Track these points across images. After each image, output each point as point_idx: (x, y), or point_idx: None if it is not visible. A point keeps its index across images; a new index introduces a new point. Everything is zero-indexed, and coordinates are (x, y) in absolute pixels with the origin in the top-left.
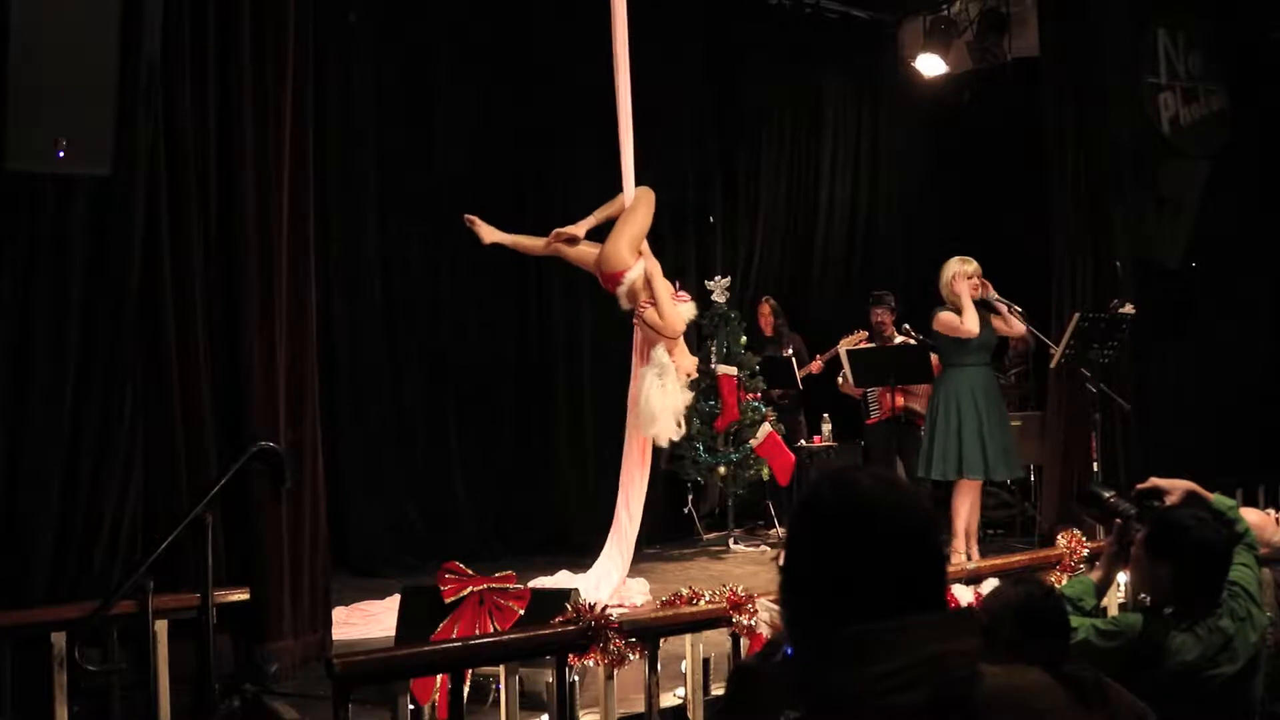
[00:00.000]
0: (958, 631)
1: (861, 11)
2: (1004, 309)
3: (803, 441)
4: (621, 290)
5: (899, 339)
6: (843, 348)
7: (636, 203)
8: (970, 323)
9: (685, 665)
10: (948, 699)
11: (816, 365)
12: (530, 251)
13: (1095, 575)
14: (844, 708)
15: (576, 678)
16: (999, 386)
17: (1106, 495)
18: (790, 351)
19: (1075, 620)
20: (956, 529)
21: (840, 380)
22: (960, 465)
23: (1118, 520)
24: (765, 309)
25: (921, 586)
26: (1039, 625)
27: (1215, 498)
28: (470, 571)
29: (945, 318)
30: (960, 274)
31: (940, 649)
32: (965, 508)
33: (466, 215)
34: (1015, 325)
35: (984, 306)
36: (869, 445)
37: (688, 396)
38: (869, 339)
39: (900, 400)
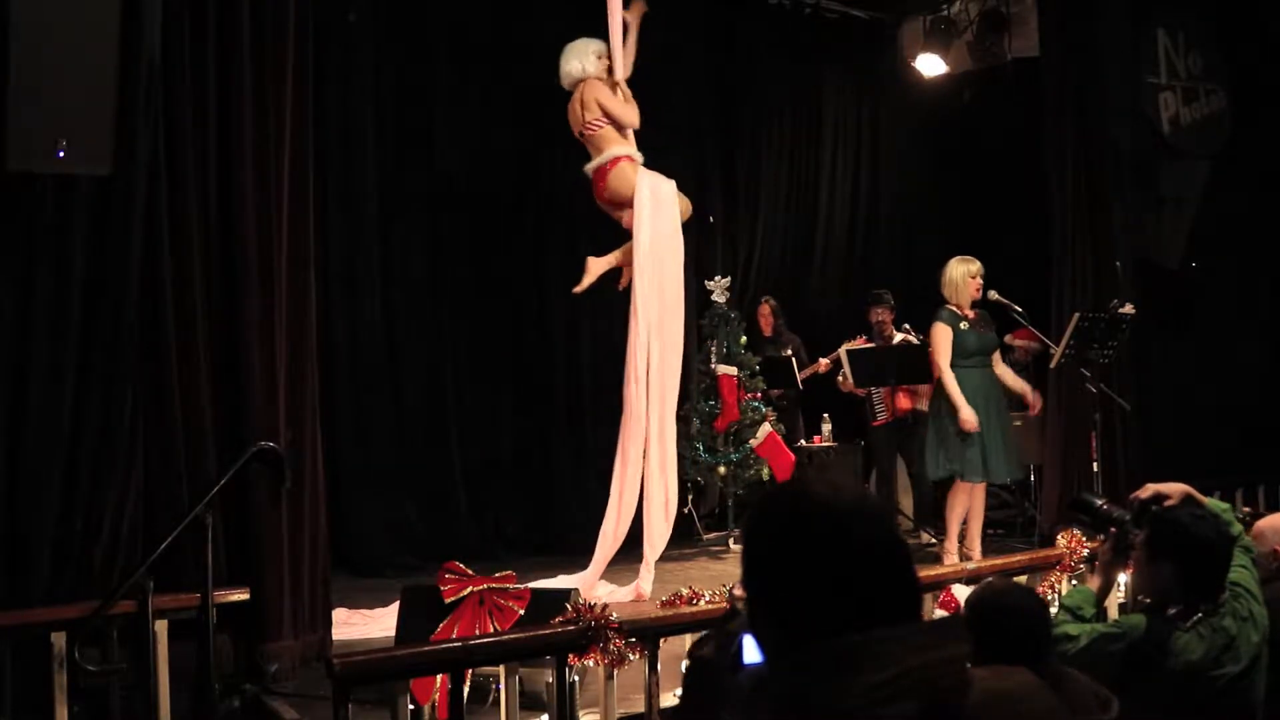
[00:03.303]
0: (946, 639)
1: (861, 11)
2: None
3: (802, 441)
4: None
5: (899, 338)
6: (844, 349)
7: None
8: (945, 368)
9: (685, 665)
10: (938, 708)
11: (823, 364)
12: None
13: (1093, 584)
14: None
15: (576, 678)
16: (1000, 387)
17: (1099, 503)
18: (789, 351)
19: (1076, 627)
20: (949, 530)
21: (840, 379)
22: (962, 467)
23: (1112, 528)
24: (765, 309)
25: (895, 593)
26: (1024, 622)
27: (1210, 501)
28: (470, 571)
29: (936, 336)
30: (966, 274)
31: (929, 658)
32: (959, 509)
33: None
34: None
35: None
36: (873, 446)
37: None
38: (868, 339)
39: (908, 403)
